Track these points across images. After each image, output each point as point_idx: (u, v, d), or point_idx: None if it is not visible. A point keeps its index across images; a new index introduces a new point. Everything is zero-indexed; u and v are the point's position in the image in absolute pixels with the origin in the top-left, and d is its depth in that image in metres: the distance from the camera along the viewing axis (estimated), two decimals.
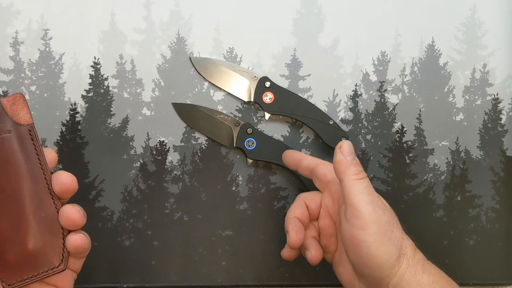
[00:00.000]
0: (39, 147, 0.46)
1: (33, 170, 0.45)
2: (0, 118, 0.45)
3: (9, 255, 0.44)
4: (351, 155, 0.47)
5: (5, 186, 0.44)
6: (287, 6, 0.59)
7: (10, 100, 0.46)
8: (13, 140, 0.45)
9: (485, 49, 0.61)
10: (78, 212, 0.44)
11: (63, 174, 0.45)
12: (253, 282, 0.59)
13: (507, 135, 0.61)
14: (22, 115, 0.46)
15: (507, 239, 0.61)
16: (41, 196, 0.45)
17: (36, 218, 0.44)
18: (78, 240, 0.44)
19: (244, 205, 0.59)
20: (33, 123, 0.46)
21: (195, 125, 0.58)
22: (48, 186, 0.45)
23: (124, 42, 0.58)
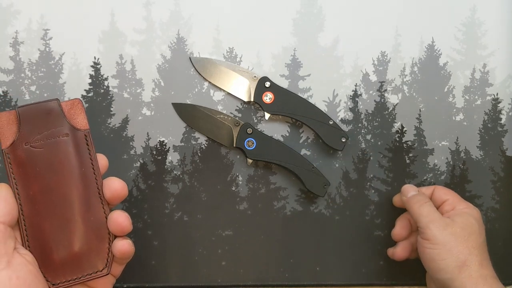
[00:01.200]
0: (93, 153, 0.47)
1: (86, 175, 0.46)
2: (59, 121, 0.46)
3: (56, 256, 0.44)
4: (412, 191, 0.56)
5: (58, 187, 0.45)
6: (287, 6, 0.59)
7: (69, 104, 0.47)
8: (70, 144, 0.46)
9: (485, 49, 0.61)
10: (127, 219, 0.45)
11: (115, 181, 0.46)
12: (253, 282, 0.59)
13: (507, 135, 0.61)
14: (79, 120, 0.47)
15: (507, 239, 0.61)
16: (91, 200, 0.46)
17: (84, 222, 0.45)
18: (125, 246, 0.45)
19: (244, 205, 0.59)
20: (89, 129, 0.47)
21: (195, 125, 0.58)
22: (99, 191, 0.46)
23: (124, 42, 0.58)
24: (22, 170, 0.45)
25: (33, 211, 0.45)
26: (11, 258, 0.42)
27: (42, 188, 0.45)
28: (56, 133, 0.46)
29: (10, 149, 0.45)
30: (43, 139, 0.45)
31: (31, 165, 0.45)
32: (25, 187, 0.45)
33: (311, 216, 0.60)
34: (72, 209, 0.45)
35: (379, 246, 0.60)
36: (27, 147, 0.45)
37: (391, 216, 0.60)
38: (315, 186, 0.57)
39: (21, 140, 0.45)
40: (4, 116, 0.46)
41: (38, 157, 0.45)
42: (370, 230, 0.60)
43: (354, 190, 0.60)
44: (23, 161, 0.45)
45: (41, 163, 0.45)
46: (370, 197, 0.60)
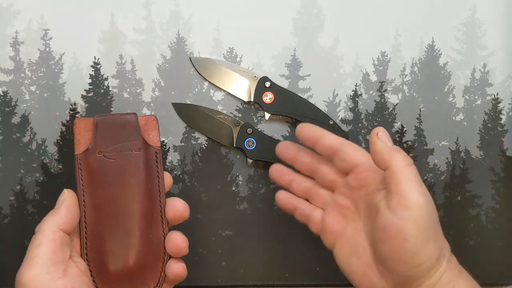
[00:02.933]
0: (161, 171, 0.47)
1: (152, 191, 0.46)
2: (134, 135, 0.47)
3: (111, 267, 0.44)
4: (390, 141, 0.44)
5: (123, 200, 0.45)
6: (287, 6, 0.59)
7: (144, 119, 0.48)
8: (141, 159, 0.46)
9: (485, 49, 0.61)
10: (185, 242, 0.46)
11: (179, 202, 0.47)
12: (253, 282, 0.59)
13: (507, 135, 0.61)
14: (152, 136, 0.48)
15: (507, 239, 0.61)
16: (153, 218, 0.46)
17: (144, 238, 0.45)
18: (180, 269, 0.45)
19: (244, 205, 0.59)
20: (160, 147, 0.48)
21: (195, 125, 0.58)
22: (161, 209, 0.46)
23: (124, 42, 0.58)
24: (91, 177, 0.45)
25: (96, 220, 0.45)
26: (67, 266, 0.42)
27: (108, 198, 0.45)
28: (130, 147, 0.46)
29: (83, 156, 0.46)
30: (116, 150, 0.46)
31: (101, 174, 0.45)
32: (92, 195, 0.45)
33: None
34: (134, 223, 0.45)
35: None
36: (100, 156, 0.45)
37: None
38: None
39: (95, 148, 0.46)
40: (81, 122, 0.47)
41: (109, 167, 0.45)
42: None
43: None
44: (94, 169, 0.45)
45: (111, 173, 0.45)
46: None
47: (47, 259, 0.41)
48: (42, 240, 0.41)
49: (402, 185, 0.42)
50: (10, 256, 0.57)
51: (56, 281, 0.40)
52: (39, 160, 0.57)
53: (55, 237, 0.42)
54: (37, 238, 0.42)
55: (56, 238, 0.42)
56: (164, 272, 0.45)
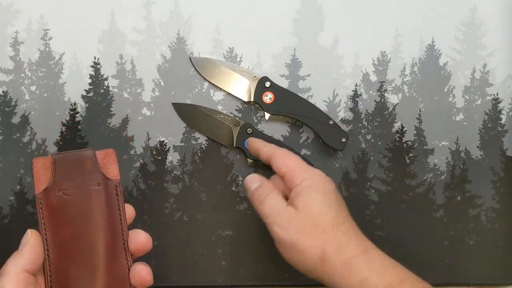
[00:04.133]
0: (122, 203, 0.47)
1: (114, 225, 0.46)
2: (93, 170, 0.46)
3: None
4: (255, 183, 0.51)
5: (86, 235, 0.45)
6: (287, 6, 0.59)
7: (103, 154, 0.48)
8: (101, 193, 0.46)
9: (485, 49, 0.61)
10: (149, 273, 0.45)
11: (141, 234, 0.46)
12: (253, 282, 0.59)
13: (507, 135, 0.61)
14: (111, 169, 0.47)
15: (507, 239, 0.61)
16: (116, 251, 0.46)
17: (108, 271, 0.45)
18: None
19: (244, 205, 0.59)
20: (119, 179, 0.47)
21: (195, 125, 0.58)
22: (124, 242, 0.46)
23: (124, 42, 0.58)
24: (53, 215, 0.45)
25: (60, 257, 0.45)
26: None
27: (71, 235, 0.45)
28: (89, 182, 0.46)
29: (43, 195, 0.45)
30: (76, 187, 0.46)
31: (62, 211, 0.45)
32: (54, 232, 0.45)
33: None
34: (98, 258, 0.45)
35: (379, 246, 0.60)
36: (60, 194, 0.45)
37: (391, 216, 0.60)
38: None
39: (54, 186, 0.45)
40: (40, 162, 0.46)
41: (69, 204, 0.45)
42: (370, 230, 0.60)
43: (354, 190, 0.60)
44: (55, 207, 0.45)
45: (72, 210, 0.45)
46: (370, 197, 0.60)
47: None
48: (6, 283, 0.41)
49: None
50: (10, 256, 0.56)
51: None
52: None
53: (18, 278, 0.42)
54: (0, 281, 0.42)
55: (20, 279, 0.42)
56: None
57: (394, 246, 0.60)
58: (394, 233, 0.60)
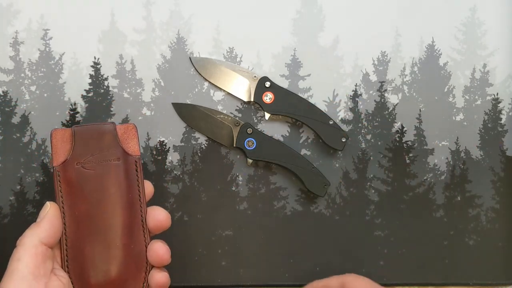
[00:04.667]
0: (141, 180, 0.46)
1: (132, 201, 0.45)
2: (113, 145, 0.46)
3: (93, 280, 0.44)
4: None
5: (104, 211, 0.44)
6: (287, 6, 0.59)
7: (123, 128, 0.47)
8: (120, 168, 0.45)
9: (485, 49, 0.61)
10: (168, 252, 0.45)
11: (160, 211, 0.46)
12: (253, 282, 0.59)
13: (507, 135, 0.61)
14: (131, 145, 0.47)
15: (507, 239, 0.61)
16: (134, 228, 0.45)
17: (125, 248, 0.44)
18: (163, 279, 0.45)
19: (244, 205, 0.59)
20: (140, 155, 0.47)
21: (195, 125, 0.58)
22: (142, 219, 0.45)
23: (124, 42, 0.58)
24: (70, 189, 0.44)
25: (76, 232, 0.44)
26: (49, 280, 0.41)
27: (88, 210, 0.44)
28: (109, 156, 0.45)
29: (61, 167, 0.45)
30: (95, 160, 0.45)
31: (80, 185, 0.44)
32: (72, 207, 0.44)
33: (311, 216, 0.60)
34: (115, 234, 0.44)
35: (379, 246, 0.60)
36: (78, 167, 0.45)
37: (391, 216, 0.60)
38: (315, 186, 0.57)
39: (73, 159, 0.45)
40: (59, 133, 0.46)
41: (88, 179, 0.44)
42: (370, 230, 0.60)
43: (354, 190, 0.60)
44: (73, 180, 0.44)
45: (91, 184, 0.44)
46: (370, 197, 0.60)
47: (28, 273, 0.40)
48: (23, 254, 0.41)
49: None
50: (10, 256, 0.56)
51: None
52: (39, 160, 0.57)
53: (37, 251, 0.41)
54: (18, 252, 0.41)
55: (38, 252, 0.41)
56: (147, 282, 0.45)
57: (394, 246, 0.60)
58: (394, 233, 0.60)
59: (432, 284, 0.61)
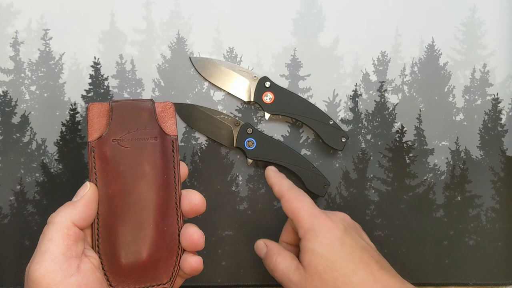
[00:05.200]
0: (177, 161, 0.45)
1: (168, 182, 0.44)
2: (151, 123, 0.44)
3: (124, 261, 0.42)
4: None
5: (138, 190, 0.43)
6: (287, 6, 0.59)
7: (160, 106, 0.46)
8: (157, 148, 0.44)
9: (485, 49, 0.61)
10: (202, 237, 0.44)
11: (196, 195, 0.45)
12: (253, 282, 0.59)
13: (507, 135, 0.61)
14: (169, 124, 0.46)
15: (507, 239, 0.61)
16: (168, 210, 0.44)
17: (158, 230, 0.43)
18: (198, 262, 0.43)
19: (244, 205, 0.59)
20: (177, 135, 0.45)
21: (195, 125, 0.58)
22: (177, 201, 0.44)
23: (124, 42, 0.58)
24: (105, 166, 0.43)
25: (109, 211, 0.42)
26: (80, 262, 0.40)
27: (122, 188, 0.42)
28: (146, 135, 0.44)
29: (97, 143, 0.43)
30: (131, 138, 0.43)
31: (115, 163, 0.43)
32: (106, 184, 0.43)
33: None
34: (148, 215, 0.42)
35: (379, 246, 0.60)
36: (115, 144, 0.43)
37: (391, 216, 0.60)
38: (315, 186, 0.57)
39: (109, 135, 0.43)
40: (96, 108, 0.44)
41: (124, 156, 0.43)
42: (370, 230, 0.60)
43: (354, 190, 0.60)
44: (108, 157, 0.43)
45: (126, 162, 0.43)
46: (370, 197, 0.60)
47: (60, 254, 0.38)
48: (55, 233, 0.39)
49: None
50: (10, 256, 0.57)
51: (70, 278, 0.38)
52: (39, 160, 0.57)
53: (69, 232, 0.39)
54: (49, 231, 0.39)
55: (71, 233, 0.39)
56: (178, 266, 0.43)
57: (394, 246, 0.60)
58: (394, 233, 0.60)
59: (432, 284, 0.61)
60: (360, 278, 0.43)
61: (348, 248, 0.45)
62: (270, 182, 0.52)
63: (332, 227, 0.46)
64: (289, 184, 0.51)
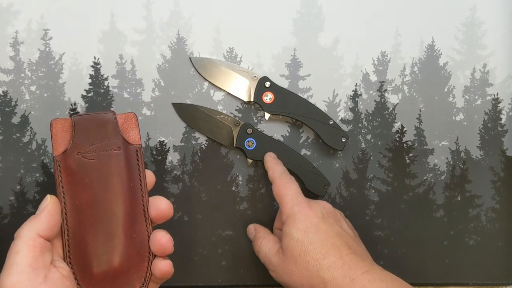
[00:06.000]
0: (142, 169, 0.46)
1: (134, 190, 0.45)
2: (113, 134, 0.45)
3: (96, 269, 0.43)
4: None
5: (105, 200, 0.44)
6: (287, 6, 0.59)
7: (123, 117, 0.47)
8: (121, 158, 0.45)
9: (485, 49, 0.61)
10: (170, 241, 0.45)
11: (162, 200, 0.46)
12: (253, 282, 0.59)
13: (507, 135, 0.61)
14: (132, 134, 0.47)
15: (507, 239, 0.61)
16: (136, 217, 0.45)
17: (127, 238, 0.44)
18: (167, 266, 0.44)
19: (244, 205, 0.59)
20: (140, 144, 0.46)
21: (195, 125, 0.58)
22: (144, 208, 0.45)
23: (124, 42, 0.58)
24: (71, 179, 0.44)
25: (78, 222, 0.44)
26: (48, 272, 0.41)
27: (90, 199, 0.44)
28: (109, 146, 0.45)
29: (62, 157, 0.45)
30: (95, 150, 0.45)
31: (81, 175, 0.44)
32: (73, 196, 0.44)
33: None
34: (117, 224, 0.44)
35: (379, 246, 0.60)
36: (79, 157, 0.44)
37: (391, 216, 0.60)
38: (315, 186, 0.57)
39: (73, 149, 0.45)
40: (59, 123, 0.45)
41: (89, 168, 0.44)
42: (370, 230, 0.60)
43: (354, 190, 0.60)
44: (74, 170, 0.44)
45: (91, 174, 0.44)
46: (370, 197, 0.60)
47: (26, 265, 0.40)
48: (21, 246, 0.41)
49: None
50: None
51: (38, 287, 0.40)
52: (39, 160, 0.57)
53: (35, 243, 0.41)
54: (16, 244, 0.41)
55: (36, 244, 0.41)
56: (150, 271, 0.45)
57: (394, 246, 0.60)
58: (394, 233, 0.60)
59: (432, 284, 0.61)
60: (329, 262, 0.46)
61: (322, 234, 0.48)
62: (266, 166, 0.56)
63: (310, 214, 0.49)
64: (282, 170, 0.54)
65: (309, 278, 0.47)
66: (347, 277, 0.45)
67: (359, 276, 0.45)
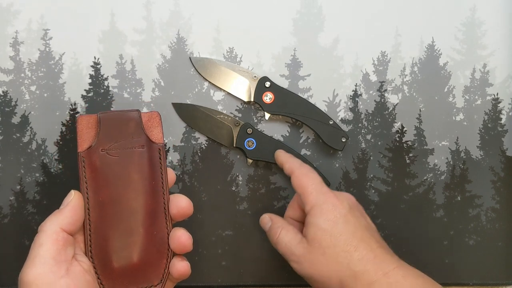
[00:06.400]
0: (164, 167, 0.47)
1: (155, 188, 0.46)
2: (137, 132, 0.46)
3: (116, 265, 0.44)
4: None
5: (127, 197, 0.45)
6: (287, 6, 0.59)
7: (147, 116, 0.48)
8: (144, 156, 0.46)
9: (485, 49, 0.61)
10: (190, 239, 0.45)
11: (182, 199, 0.46)
12: (253, 282, 0.59)
13: (507, 135, 0.61)
14: (155, 133, 0.48)
15: (507, 239, 0.61)
16: (156, 215, 0.46)
17: (148, 235, 0.45)
18: (185, 267, 0.45)
19: (244, 205, 0.59)
20: (163, 143, 0.47)
21: (195, 125, 0.58)
22: (165, 206, 0.46)
23: (124, 42, 0.58)
24: (95, 175, 0.45)
25: (100, 218, 0.45)
26: (70, 265, 0.42)
27: (112, 196, 0.45)
28: (133, 144, 0.46)
29: (86, 153, 0.45)
30: (119, 147, 0.46)
31: (104, 171, 0.45)
32: (96, 192, 0.45)
33: None
34: (137, 221, 0.45)
35: None
36: (103, 154, 0.45)
37: (391, 216, 0.60)
38: None
39: (98, 145, 0.45)
40: (84, 120, 0.46)
41: (112, 165, 0.45)
42: None
43: (354, 190, 0.60)
44: (97, 167, 0.45)
45: (115, 171, 0.45)
46: (370, 197, 0.60)
47: (49, 258, 0.41)
48: (45, 239, 0.42)
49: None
50: (10, 256, 0.57)
51: (59, 280, 0.40)
52: (39, 160, 0.57)
53: (58, 237, 0.42)
54: (39, 237, 0.42)
55: (60, 238, 0.42)
56: (168, 269, 0.45)
57: (394, 246, 0.60)
58: (394, 233, 0.60)
59: None
60: (360, 254, 0.46)
61: (351, 226, 0.47)
62: (281, 161, 0.54)
63: (338, 204, 0.48)
64: (301, 162, 0.53)
65: (338, 270, 0.46)
66: (379, 270, 0.45)
67: (392, 271, 0.45)
